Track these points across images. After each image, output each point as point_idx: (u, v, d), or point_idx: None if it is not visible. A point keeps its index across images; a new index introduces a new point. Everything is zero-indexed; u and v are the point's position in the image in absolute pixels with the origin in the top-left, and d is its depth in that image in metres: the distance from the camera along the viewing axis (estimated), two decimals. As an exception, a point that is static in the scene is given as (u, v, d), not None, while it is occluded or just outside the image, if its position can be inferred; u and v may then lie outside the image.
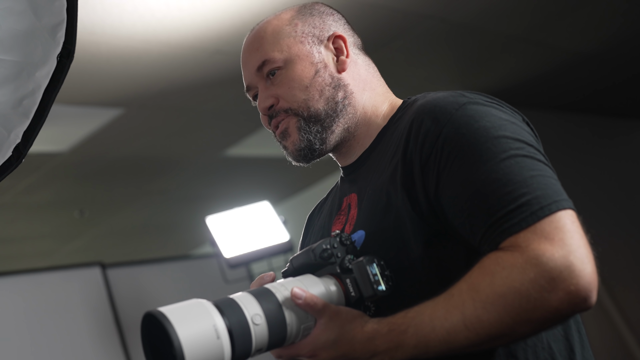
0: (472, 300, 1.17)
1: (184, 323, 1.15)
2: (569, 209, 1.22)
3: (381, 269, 1.28)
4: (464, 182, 1.25)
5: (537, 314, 1.15)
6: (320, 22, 1.54)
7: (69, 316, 4.77)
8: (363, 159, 1.50)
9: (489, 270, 1.17)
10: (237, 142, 5.67)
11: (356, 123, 1.50)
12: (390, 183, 1.35)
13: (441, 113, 1.32)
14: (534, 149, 1.29)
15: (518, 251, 1.17)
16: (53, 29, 1.40)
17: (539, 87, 6.64)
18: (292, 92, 1.47)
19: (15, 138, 1.44)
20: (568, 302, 1.15)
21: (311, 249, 1.32)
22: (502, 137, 1.26)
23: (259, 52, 1.50)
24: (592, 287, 1.16)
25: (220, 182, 6.49)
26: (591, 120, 7.95)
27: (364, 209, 1.41)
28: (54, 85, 1.43)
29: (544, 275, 1.14)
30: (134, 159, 5.44)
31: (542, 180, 1.23)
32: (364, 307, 1.31)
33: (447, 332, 1.18)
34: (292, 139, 1.48)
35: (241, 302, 1.22)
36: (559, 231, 1.18)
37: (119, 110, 4.64)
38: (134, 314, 5.00)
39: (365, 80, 1.53)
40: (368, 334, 1.23)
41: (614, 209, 7.60)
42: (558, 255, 1.15)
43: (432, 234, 1.30)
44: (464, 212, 1.25)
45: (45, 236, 6.23)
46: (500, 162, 1.23)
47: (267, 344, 1.23)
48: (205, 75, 4.55)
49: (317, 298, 1.25)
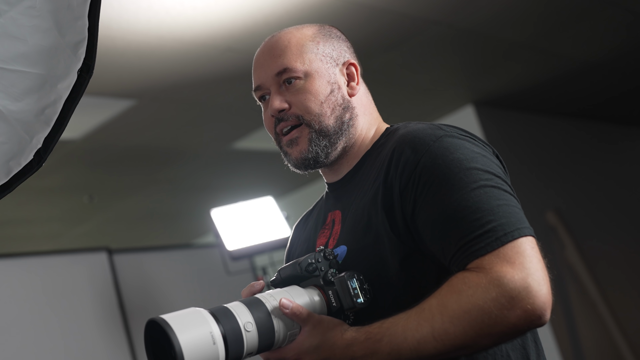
0: (441, 314, 1.30)
1: (184, 329, 1.27)
2: (529, 236, 1.34)
3: (360, 283, 1.41)
4: (437, 208, 1.37)
5: (497, 329, 1.28)
6: (338, 46, 1.64)
7: (75, 299, 4.85)
8: (348, 179, 1.61)
9: (457, 288, 1.30)
10: (245, 135, 5.76)
11: (352, 144, 1.61)
12: (372, 204, 1.47)
13: (420, 144, 1.44)
14: (502, 180, 1.41)
15: (482, 272, 1.30)
16: (75, 46, 1.52)
17: (543, 94, 6.72)
18: (307, 103, 1.56)
19: (36, 143, 1.56)
20: (525, 319, 1.27)
21: (297, 262, 1.45)
22: (474, 168, 1.39)
23: (282, 59, 1.58)
24: (547, 307, 1.29)
25: (227, 174, 6.57)
26: (595, 126, 8.01)
27: (347, 226, 1.53)
28: (74, 96, 1.55)
29: (505, 294, 1.27)
30: (144, 149, 5.54)
31: (507, 209, 1.35)
32: (344, 317, 1.43)
33: (418, 342, 1.31)
34: (301, 148, 1.58)
35: (235, 310, 1.35)
36: (519, 256, 1.30)
37: (131, 102, 4.75)
38: (137, 299, 5.11)
39: (365, 105, 1.65)
40: (347, 341, 1.37)
41: (616, 213, 7.66)
42: (517, 277, 1.27)
43: (408, 252, 1.42)
44: (436, 234, 1.37)
45: (55, 219, 6.32)
46: (470, 191, 1.36)
47: (257, 348, 1.36)
48: (216, 71, 4.65)
49: (303, 308, 1.38)
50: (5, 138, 1.53)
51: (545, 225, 6.69)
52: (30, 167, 1.58)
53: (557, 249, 6.68)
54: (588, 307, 6.64)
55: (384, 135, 1.62)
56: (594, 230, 7.19)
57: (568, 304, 6.51)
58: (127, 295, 5.05)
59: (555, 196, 6.94)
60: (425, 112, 6.46)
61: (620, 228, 7.64)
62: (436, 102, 6.31)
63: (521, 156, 6.81)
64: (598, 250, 7.04)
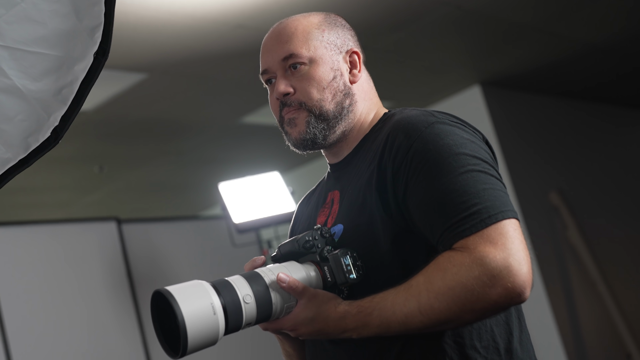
0: (427, 291, 1.39)
1: (186, 300, 1.37)
2: (512, 219, 1.43)
3: (353, 260, 1.50)
4: (427, 190, 1.46)
5: (479, 305, 1.37)
6: (342, 34, 1.71)
7: (84, 267, 4.94)
8: (347, 161, 1.70)
9: (442, 266, 1.39)
10: (253, 110, 5.83)
11: (351, 128, 1.69)
12: (367, 186, 1.56)
13: (412, 130, 1.53)
14: (489, 165, 1.49)
15: (467, 252, 1.39)
16: (92, 30, 1.60)
17: (549, 75, 6.76)
18: (310, 89, 1.64)
19: (53, 121, 1.64)
20: (505, 297, 1.36)
21: (296, 239, 1.54)
22: (462, 154, 1.47)
23: (288, 45, 1.66)
24: (527, 285, 1.38)
25: (235, 148, 6.65)
26: (600, 108, 8.03)
27: (344, 206, 1.62)
28: (90, 78, 1.63)
29: (487, 273, 1.36)
30: (154, 121, 5.62)
31: (493, 193, 1.44)
32: (338, 291, 1.52)
33: (405, 316, 1.41)
34: (299, 129, 1.66)
35: (235, 284, 1.44)
36: (502, 237, 1.39)
37: (142, 75, 4.83)
38: (145, 268, 5.20)
39: (366, 92, 1.73)
40: (340, 314, 1.46)
41: (618, 195, 7.72)
42: (499, 257, 1.37)
43: (399, 232, 1.51)
44: (425, 215, 1.47)
45: (65, 188, 6.41)
46: (458, 175, 1.45)
47: (256, 319, 1.46)
48: (226, 47, 4.72)
49: (299, 282, 1.47)
50: (24, 116, 1.62)
51: (548, 205, 6.76)
52: (48, 143, 1.66)
53: (559, 228, 6.77)
54: (588, 286, 6.73)
55: (382, 120, 1.69)
56: (596, 211, 7.26)
57: (568, 283, 6.60)
58: (135, 264, 5.15)
59: (558, 177, 7.01)
60: (432, 92, 6.53)
61: (622, 209, 7.71)
62: (443, 82, 6.37)
63: (526, 136, 6.87)
64: (599, 231, 7.11)
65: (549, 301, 6.20)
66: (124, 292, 5.05)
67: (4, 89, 1.58)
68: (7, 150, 1.65)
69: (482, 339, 1.50)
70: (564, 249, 6.73)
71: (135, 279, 5.10)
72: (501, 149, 6.41)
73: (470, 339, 1.49)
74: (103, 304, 4.95)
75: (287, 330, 1.51)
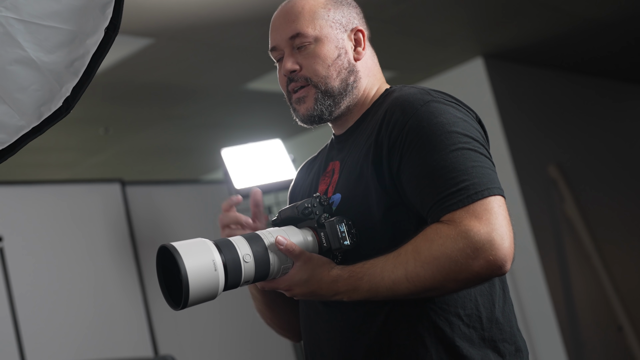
0: (414, 259, 1.49)
1: (189, 256, 1.46)
2: (498, 195, 1.52)
3: (348, 228, 1.60)
4: (419, 165, 1.55)
5: (462, 275, 1.47)
6: (347, 13, 1.79)
7: (88, 227, 5.03)
8: (349, 133, 1.79)
9: (429, 237, 1.49)
10: (258, 77, 5.89)
11: (355, 103, 1.78)
12: (364, 159, 1.66)
13: (409, 107, 1.62)
14: (479, 144, 1.58)
15: (453, 225, 1.48)
16: (103, 6, 1.69)
17: (551, 49, 6.80)
18: (315, 66, 1.74)
19: (65, 92, 1.73)
20: (487, 268, 1.46)
21: (296, 205, 1.64)
22: (454, 132, 1.56)
23: (295, 24, 1.74)
24: (508, 259, 1.47)
25: (238, 113, 6.71)
26: (601, 83, 8.07)
27: (343, 176, 1.72)
28: (101, 51, 1.72)
29: (470, 245, 1.45)
30: (160, 85, 5.68)
31: (481, 171, 1.53)
32: (332, 256, 1.62)
33: (393, 282, 1.51)
34: (307, 105, 1.75)
35: (236, 243, 1.54)
36: (486, 212, 1.48)
37: (149, 40, 4.89)
38: (147, 230, 5.28)
39: (370, 68, 1.81)
40: (333, 277, 1.57)
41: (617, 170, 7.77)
42: (483, 231, 1.46)
43: (392, 204, 1.60)
44: (417, 189, 1.56)
45: (70, 149, 6.48)
46: (449, 152, 1.54)
47: (254, 278, 1.56)
48: (232, 14, 4.76)
49: (296, 245, 1.57)
50: (38, 86, 1.71)
51: (546, 178, 6.84)
52: (60, 112, 1.75)
53: (556, 201, 6.85)
54: (582, 258, 6.83)
55: (383, 95, 1.78)
56: (594, 185, 7.34)
57: (563, 254, 6.69)
58: (138, 226, 5.22)
59: (557, 150, 7.08)
60: (434, 63, 6.58)
61: (620, 184, 7.78)
62: (446, 54, 6.42)
63: (526, 109, 6.93)
64: (596, 205, 7.20)
65: (543, 272, 6.29)
66: (127, 252, 5.14)
67: (19, 60, 1.67)
68: (21, 118, 1.74)
69: (465, 307, 1.60)
70: (560, 221, 6.81)
71: (138, 239, 5.19)
72: (502, 121, 6.47)
73: (455, 307, 1.59)
74: (106, 263, 5.04)
75: (282, 289, 1.61)
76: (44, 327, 4.65)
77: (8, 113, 1.72)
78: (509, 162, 6.43)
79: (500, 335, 1.62)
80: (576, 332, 6.46)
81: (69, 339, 4.75)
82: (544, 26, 6.22)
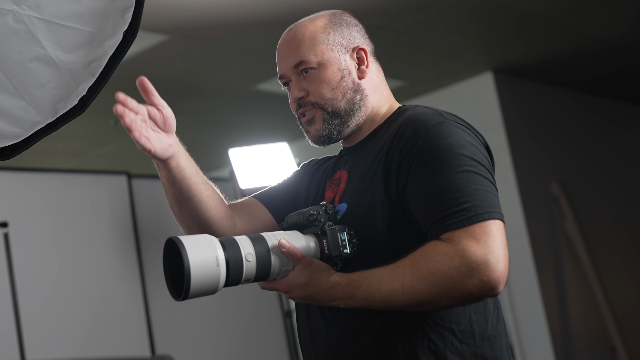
0: (411, 273, 1.54)
1: (194, 250, 1.52)
2: (498, 220, 1.57)
3: (350, 237, 1.65)
4: (425, 183, 1.60)
5: (456, 292, 1.52)
6: (347, 33, 1.84)
7: (92, 218, 5.08)
8: (360, 146, 1.84)
9: (428, 253, 1.54)
10: (268, 79, 5.95)
11: (364, 120, 1.83)
12: (374, 172, 1.71)
13: (421, 126, 1.66)
14: (485, 169, 1.63)
15: (452, 243, 1.53)
16: (123, 11, 1.75)
17: (560, 68, 6.86)
18: (321, 91, 1.79)
19: (81, 91, 1.79)
20: (480, 288, 1.51)
21: (302, 212, 1.69)
22: (462, 154, 1.61)
23: (297, 53, 1.80)
24: (501, 281, 1.52)
25: (247, 113, 6.76)
26: (607, 103, 8.14)
27: (350, 187, 1.77)
28: (118, 54, 1.78)
29: (466, 265, 1.50)
30: (172, 81, 5.74)
31: (484, 194, 1.58)
32: (333, 263, 1.68)
33: (389, 293, 1.56)
34: (316, 127, 1.81)
35: (240, 242, 1.59)
36: (485, 235, 1.53)
37: (164, 37, 4.94)
38: (151, 224, 5.32)
39: (376, 85, 1.86)
40: (331, 283, 1.61)
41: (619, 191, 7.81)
42: (480, 252, 1.51)
43: (395, 217, 1.65)
44: (420, 205, 1.61)
45: (80, 138, 6.53)
46: (455, 173, 1.58)
47: (254, 277, 1.61)
48: (247, 15, 4.81)
49: (298, 249, 1.62)
50: (55, 84, 1.77)
51: (548, 195, 6.88)
52: (74, 110, 1.82)
53: (557, 219, 6.89)
54: (580, 277, 6.87)
55: (396, 113, 1.83)
56: (596, 205, 7.38)
57: (561, 273, 6.73)
58: (141, 219, 5.28)
59: (562, 168, 7.12)
60: (445, 74, 6.63)
61: (621, 205, 7.83)
62: (457, 66, 6.48)
63: (532, 125, 6.97)
64: (597, 224, 7.24)
65: (540, 288, 6.34)
66: (129, 244, 5.19)
67: (39, 58, 1.73)
68: (37, 114, 1.80)
69: (459, 323, 1.64)
70: (560, 238, 6.86)
71: (141, 232, 5.23)
72: (507, 136, 6.52)
73: (449, 322, 1.64)
74: (108, 254, 5.09)
75: (281, 291, 1.66)
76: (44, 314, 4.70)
77: (25, 108, 1.78)
78: (513, 177, 6.47)
79: (492, 352, 1.67)
80: (569, 350, 6.50)
81: (67, 327, 4.80)
82: (554, 44, 6.27)
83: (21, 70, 1.73)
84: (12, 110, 1.78)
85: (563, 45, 6.32)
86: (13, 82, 1.74)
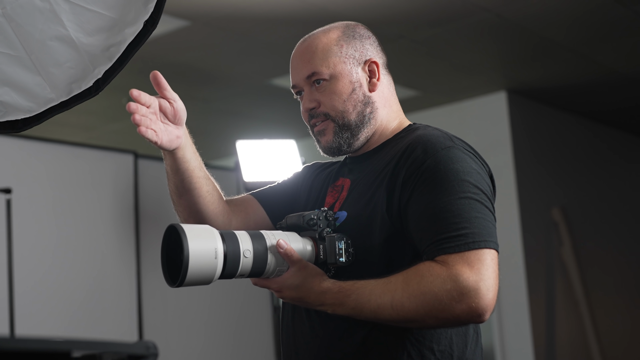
0: (402, 290, 1.57)
1: (195, 239, 1.55)
2: (493, 249, 1.60)
3: (346, 246, 1.68)
4: (427, 204, 1.64)
5: (443, 315, 1.55)
6: (360, 45, 1.86)
7: (95, 193, 5.14)
8: (366, 157, 1.87)
9: (421, 273, 1.57)
10: (282, 74, 6.00)
11: (373, 133, 1.86)
12: (378, 185, 1.74)
13: (431, 147, 1.69)
14: (486, 198, 1.66)
15: (446, 266, 1.56)
16: (146, 1, 1.80)
17: (574, 95, 6.90)
18: (332, 102, 1.82)
19: (97, 73, 1.82)
20: (467, 314, 1.55)
21: (302, 215, 1.72)
22: (466, 181, 1.64)
23: (310, 64, 1.83)
24: (488, 309, 1.55)
25: (259, 106, 6.78)
26: (617, 134, 8.17)
27: (352, 196, 1.80)
28: (137, 42, 1.82)
29: (457, 289, 1.53)
30: (188, 67, 5.77)
31: (483, 222, 1.61)
32: (326, 269, 1.71)
33: (378, 306, 1.59)
34: (327, 138, 1.84)
35: (240, 237, 1.62)
36: (479, 262, 1.57)
37: (185, 22, 4.97)
38: (152, 205, 5.37)
39: (387, 98, 1.89)
40: (323, 289, 1.65)
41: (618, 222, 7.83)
42: (472, 279, 1.54)
43: (393, 232, 1.69)
44: (419, 224, 1.64)
45: (91, 113, 6.56)
46: (457, 199, 1.62)
47: (249, 273, 1.64)
48: (269, 9, 4.83)
49: (294, 251, 1.65)
50: (73, 64, 1.80)
51: (549, 220, 6.91)
52: (89, 92, 1.85)
53: (555, 244, 6.92)
54: (571, 304, 6.89)
55: (406, 129, 1.86)
56: (593, 234, 7.40)
57: (552, 297, 6.75)
58: (144, 200, 5.33)
59: (564, 193, 7.14)
60: (459, 89, 6.66)
61: (619, 236, 7.85)
62: (471, 82, 6.50)
63: (540, 149, 7.00)
64: (592, 253, 7.26)
65: (530, 310, 6.37)
66: (129, 224, 5.23)
67: (59, 37, 1.76)
68: (52, 91, 1.84)
69: (440, 343, 1.68)
70: (555, 263, 6.88)
71: (142, 213, 5.27)
72: (514, 157, 6.55)
73: (430, 341, 1.67)
74: (107, 231, 5.14)
75: (273, 289, 1.69)
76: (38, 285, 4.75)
77: (40, 84, 1.82)
78: (515, 198, 6.50)
79: None
80: (552, 375, 6.53)
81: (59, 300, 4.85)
82: (570, 71, 6.31)
83: (41, 48, 1.76)
84: (28, 85, 1.81)
85: (579, 73, 6.35)
86: (32, 58, 1.78)
